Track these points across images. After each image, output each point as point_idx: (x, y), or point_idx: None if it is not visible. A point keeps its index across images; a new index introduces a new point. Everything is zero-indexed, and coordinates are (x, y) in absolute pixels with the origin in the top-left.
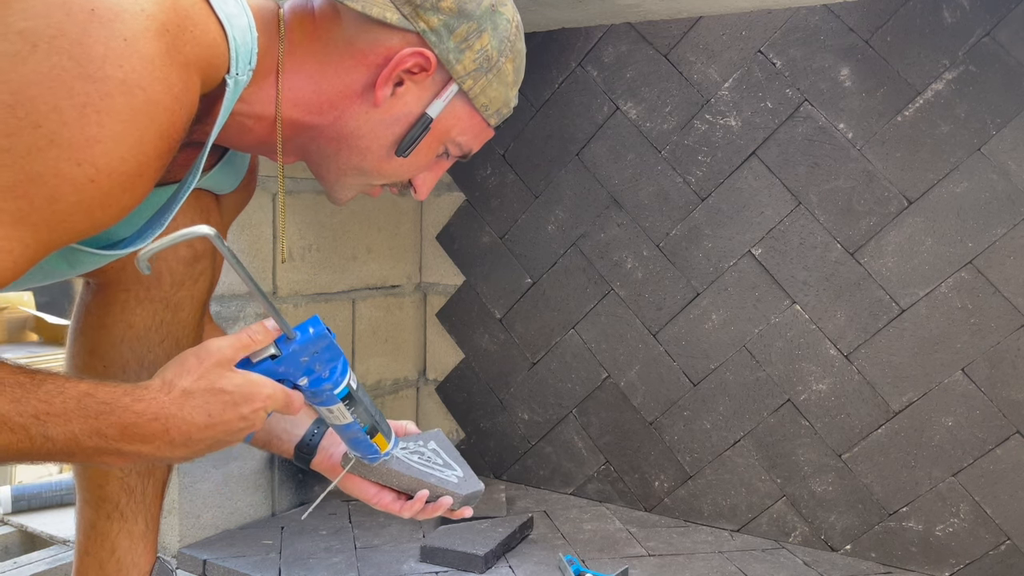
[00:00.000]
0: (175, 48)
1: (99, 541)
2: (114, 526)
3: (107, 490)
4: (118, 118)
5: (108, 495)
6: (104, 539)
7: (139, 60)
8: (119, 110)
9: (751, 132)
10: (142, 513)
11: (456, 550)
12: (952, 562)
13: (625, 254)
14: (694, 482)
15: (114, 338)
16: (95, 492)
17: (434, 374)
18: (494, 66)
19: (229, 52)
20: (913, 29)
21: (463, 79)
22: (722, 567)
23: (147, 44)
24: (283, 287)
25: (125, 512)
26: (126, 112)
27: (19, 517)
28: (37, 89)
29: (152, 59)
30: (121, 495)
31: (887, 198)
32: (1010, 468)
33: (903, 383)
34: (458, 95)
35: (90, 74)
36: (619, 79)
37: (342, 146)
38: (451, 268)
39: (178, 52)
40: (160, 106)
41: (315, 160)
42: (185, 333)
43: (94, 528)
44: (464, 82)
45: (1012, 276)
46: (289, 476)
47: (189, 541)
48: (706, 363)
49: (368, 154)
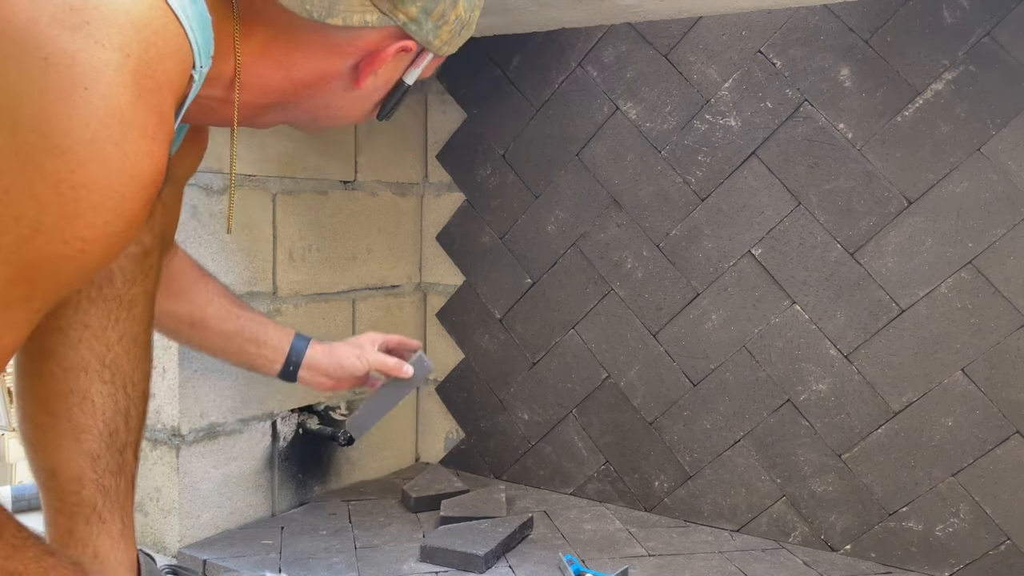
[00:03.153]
0: (143, 75)
1: (80, 548)
2: (93, 530)
3: (83, 495)
4: (94, 187)
5: (84, 500)
6: (85, 545)
7: (106, 112)
8: (94, 177)
9: (751, 132)
10: (118, 512)
11: (456, 550)
12: (952, 562)
13: (625, 254)
14: (694, 482)
15: (71, 339)
16: (70, 499)
17: (434, 374)
18: (467, 23)
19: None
20: (913, 29)
21: (440, 48)
22: (722, 567)
23: (111, 87)
24: (283, 287)
25: (103, 514)
26: (102, 176)
27: (19, 517)
28: (9, 176)
29: (120, 105)
30: (98, 497)
31: (887, 198)
32: (1010, 468)
33: (903, 383)
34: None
35: (57, 145)
36: (619, 79)
37: (319, 115)
38: (451, 268)
39: (147, 79)
40: (138, 155)
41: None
42: (141, 329)
43: (72, 535)
44: (441, 50)
45: (1012, 276)
46: (289, 476)
47: (189, 541)
48: (706, 363)
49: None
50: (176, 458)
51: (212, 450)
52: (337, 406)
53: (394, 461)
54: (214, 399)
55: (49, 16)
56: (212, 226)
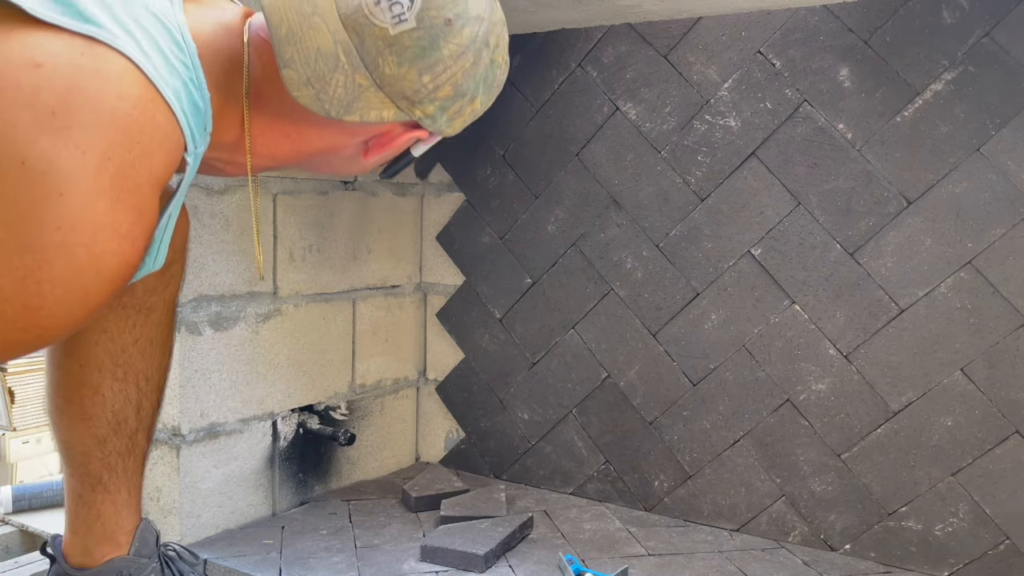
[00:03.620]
0: (123, 178)
1: (85, 508)
2: (98, 496)
3: (90, 467)
4: (59, 283)
5: (91, 471)
6: (90, 507)
7: (80, 218)
8: (59, 275)
9: (751, 132)
10: (124, 484)
11: (456, 550)
12: (951, 562)
13: (625, 254)
14: (694, 482)
15: (90, 341)
16: (79, 468)
17: (434, 374)
18: (481, 112)
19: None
20: (912, 29)
21: (452, 132)
22: (722, 567)
23: (88, 194)
24: (283, 287)
25: (108, 486)
26: (67, 273)
27: (20, 517)
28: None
29: (95, 211)
30: (103, 471)
31: (886, 198)
32: (1009, 468)
33: (902, 383)
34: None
35: (28, 243)
36: (619, 80)
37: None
38: (451, 268)
39: (127, 180)
40: (106, 255)
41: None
42: (158, 331)
43: (80, 497)
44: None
45: (1012, 276)
46: (289, 476)
47: (189, 541)
48: (705, 363)
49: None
50: (177, 458)
51: (212, 450)
52: (337, 406)
53: (394, 461)
54: (214, 399)
55: (29, 120)
56: (213, 226)
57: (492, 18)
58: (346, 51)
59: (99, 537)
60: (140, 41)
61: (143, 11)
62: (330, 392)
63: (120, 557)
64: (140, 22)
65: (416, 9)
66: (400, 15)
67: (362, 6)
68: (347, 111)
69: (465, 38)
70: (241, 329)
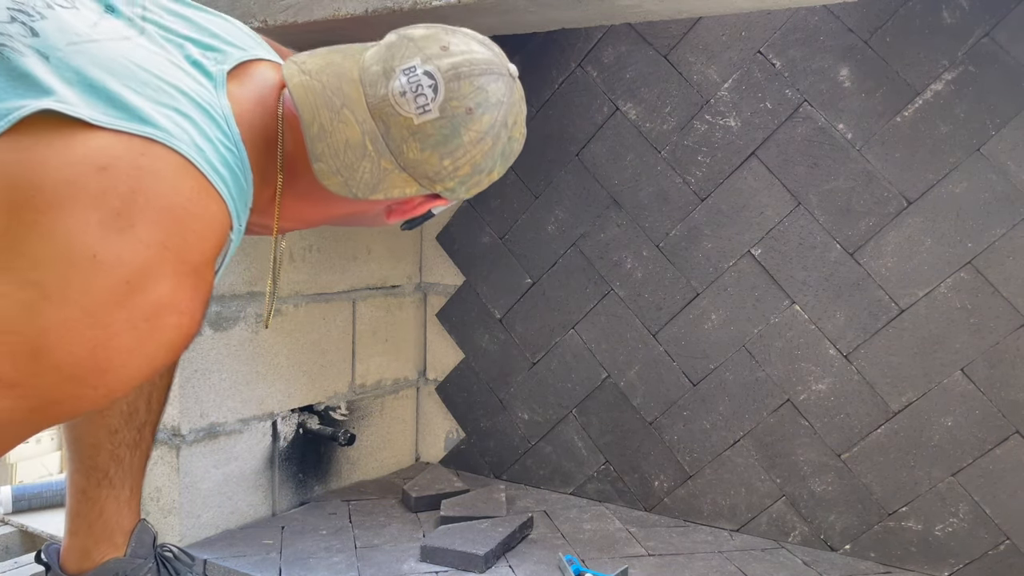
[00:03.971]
0: (180, 262)
1: (89, 504)
2: (103, 492)
3: (98, 460)
4: (125, 351)
5: (99, 464)
6: (93, 503)
7: (145, 301)
8: (126, 345)
9: (751, 132)
10: (128, 481)
11: (456, 550)
12: (951, 562)
13: (625, 254)
14: (694, 482)
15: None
16: (87, 462)
17: (434, 374)
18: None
19: (230, 214)
20: (912, 29)
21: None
22: (722, 567)
23: (151, 280)
24: (284, 287)
25: (113, 480)
26: (133, 343)
27: (20, 517)
28: (54, 337)
29: (158, 294)
30: (111, 465)
31: (886, 198)
32: (1009, 468)
33: (902, 383)
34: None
35: (98, 321)
36: (619, 79)
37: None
38: (451, 268)
39: (183, 264)
40: (167, 328)
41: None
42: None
43: (84, 494)
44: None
45: (1012, 276)
46: (289, 476)
47: (189, 541)
48: (706, 363)
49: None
50: (176, 458)
51: (212, 450)
52: (337, 406)
53: (394, 461)
54: (214, 399)
55: (98, 220)
56: None
57: (511, 99)
58: (372, 139)
59: (99, 536)
60: (192, 135)
61: (192, 105)
62: (330, 392)
63: (116, 559)
64: (191, 116)
65: (439, 100)
66: (424, 106)
67: (388, 96)
68: (372, 192)
69: (484, 124)
70: (241, 329)
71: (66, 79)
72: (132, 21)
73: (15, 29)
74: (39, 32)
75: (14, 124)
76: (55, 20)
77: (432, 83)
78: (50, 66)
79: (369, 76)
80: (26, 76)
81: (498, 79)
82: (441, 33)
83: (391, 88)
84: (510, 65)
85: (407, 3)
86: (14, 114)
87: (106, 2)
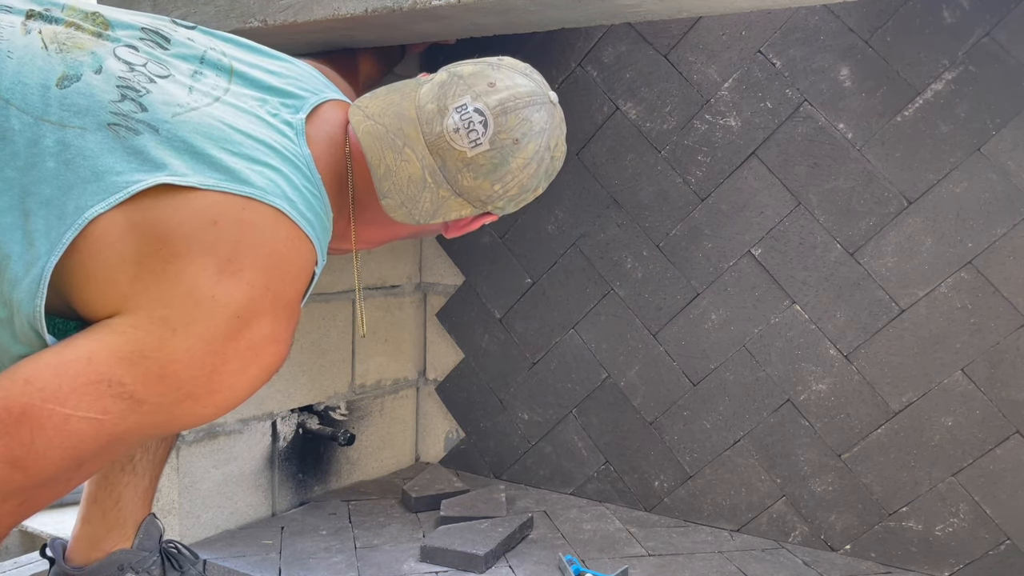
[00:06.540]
0: (278, 299)
1: (108, 490)
2: (124, 478)
3: None
4: (235, 374)
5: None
6: (113, 489)
7: (251, 332)
8: (236, 370)
9: (751, 132)
10: (149, 471)
11: (456, 550)
12: (952, 562)
13: (625, 254)
14: (694, 482)
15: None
16: None
17: (434, 374)
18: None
19: (316, 253)
20: (913, 29)
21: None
22: (722, 567)
23: (255, 316)
24: None
25: (137, 467)
26: (241, 368)
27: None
28: (179, 364)
29: (259, 325)
30: (137, 450)
31: (887, 198)
32: (1010, 468)
33: (903, 383)
34: None
35: (216, 350)
36: (619, 79)
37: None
38: (451, 268)
39: (280, 301)
40: (267, 355)
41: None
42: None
43: (106, 479)
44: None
45: (1012, 276)
46: (289, 476)
47: (189, 541)
48: (706, 363)
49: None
50: (176, 458)
51: (212, 450)
52: (337, 406)
53: (394, 461)
54: None
55: (214, 266)
56: None
57: (552, 125)
58: (431, 172)
59: (112, 524)
60: (283, 188)
61: (279, 159)
62: (330, 392)
63: (123, 550)
64: (280, 170)
65: (489, 134)
66: (476, 140)
67: (444, 133)
68: (433, 217)
69: (530, 151)
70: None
71: (175, 149)
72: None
73: (127, 107)
74: (147, 107)
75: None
76: (159, 92)
77: (482, 119)
78: (160, 138)
79: (425, 114)
80: (142, 152)
81: (540, 108)
82: (488, 69)
83: (446, 126)
84: (551, 92)
85: (406, 3)
86: (134, 186)
87: (196, 63)
